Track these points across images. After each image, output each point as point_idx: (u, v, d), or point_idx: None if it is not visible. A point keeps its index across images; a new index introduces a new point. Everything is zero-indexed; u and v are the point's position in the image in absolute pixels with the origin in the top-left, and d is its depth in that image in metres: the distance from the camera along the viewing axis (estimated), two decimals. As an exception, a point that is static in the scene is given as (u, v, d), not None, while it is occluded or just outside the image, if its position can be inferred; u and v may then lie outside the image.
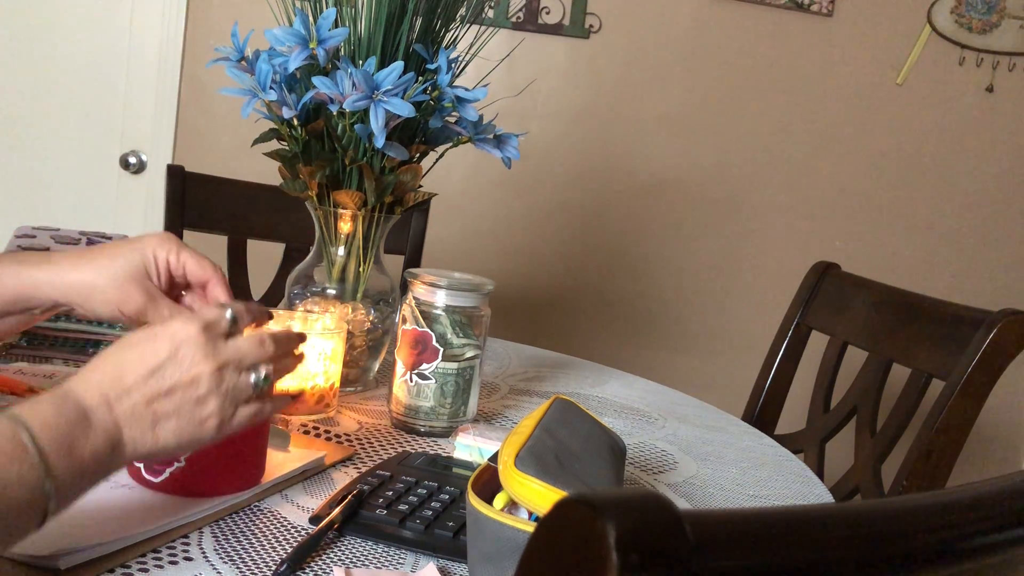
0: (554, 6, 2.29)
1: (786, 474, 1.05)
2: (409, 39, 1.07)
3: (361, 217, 1.09)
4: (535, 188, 2.37)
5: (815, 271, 1.54)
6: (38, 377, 0.97)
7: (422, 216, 1.79)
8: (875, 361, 1.36)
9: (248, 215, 1.75)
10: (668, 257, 2.43)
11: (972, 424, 1.16)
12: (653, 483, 0.96)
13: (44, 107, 2.24)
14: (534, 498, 0.61)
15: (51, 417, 0.55)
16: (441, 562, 0.70)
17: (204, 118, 2.26)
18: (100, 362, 0.61)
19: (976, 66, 2.42)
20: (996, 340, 1.14)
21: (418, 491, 0.78)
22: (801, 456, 1.36)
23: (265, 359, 0.66)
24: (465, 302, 1.00)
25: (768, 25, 2.35)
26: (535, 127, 2.33)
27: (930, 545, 0.38)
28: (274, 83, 1.02)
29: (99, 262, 0.75)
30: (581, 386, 1.29)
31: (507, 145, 1.12)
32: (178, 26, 2.23)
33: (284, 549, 0.68)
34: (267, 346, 0.67)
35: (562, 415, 0.77)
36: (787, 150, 2.42)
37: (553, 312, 2.43)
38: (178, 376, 0.61)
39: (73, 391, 0.58)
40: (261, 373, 0.66)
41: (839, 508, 0.37)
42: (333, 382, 1.02)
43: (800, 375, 1.52)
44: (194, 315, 0.65)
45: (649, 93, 2.36)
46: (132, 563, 0.63)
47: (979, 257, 2.51)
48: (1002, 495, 0.41)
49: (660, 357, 2.45)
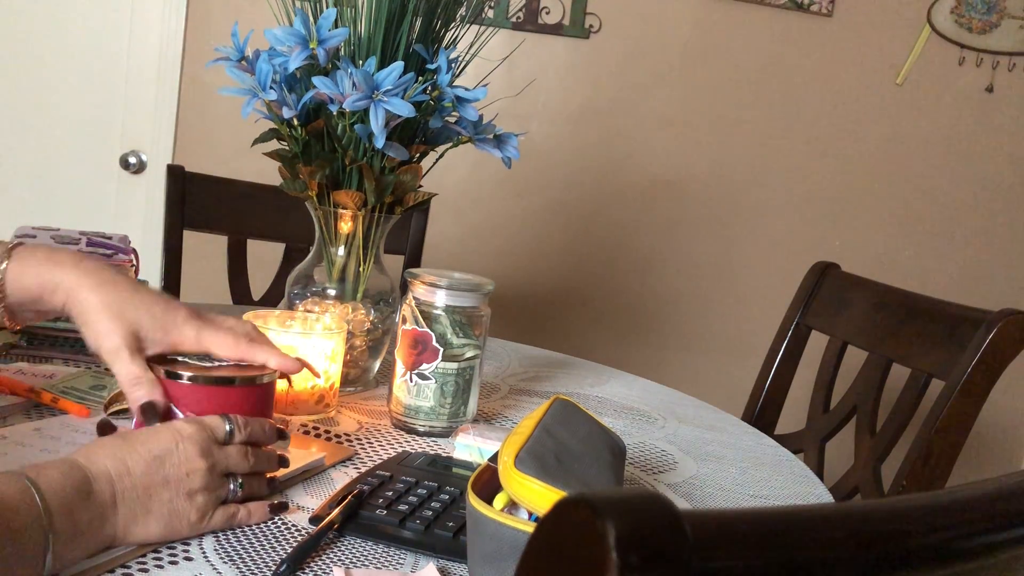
0: (554, 6, 2.29)
1: (786, 474, 1.05)
2: (409, 39, 1.07)
3: (361, 217, 1.09)
4: (535, 188, 2.37)
5: (815, 271, 1.54)
6: (38, 377, 0.97)
7: (422, 216, 1.79)
8: (875, 361, 1.36)
9: (248, 215, 1.75)
10: (668, 257, 2.43)
11: (972, 424, 1.15)
12: (653, 483, 0.96)
13: (44, 107, 2.24)
14: (534, 498, 0.61)
15: (57, 481, 0.59)
16: (441, 562, 0.70)
17: (204, 118, 2.26)
18: (107, 442, 0.65)
19: (976, 66, 2.42)
20: (996, 340, 1.14)
21: (418, 491, 0.78)
22: (801, 456, 1.36)
23: (244, 471, 0.71)
24: (465, 302, 1.00)
25: (768, 25, 2.35)
26: (535, 127, 2.33)
27: (930, 545, 0.38)
28: (274, 83, 1.02)
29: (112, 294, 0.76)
30: (581, 386, 1.29)
31: (507, 145, 1.12)
32: (178, 26, 2.23)
33: (284, 549, 0.68)
34: (249, 459, 0.72)
35: (562, 415, 0.77)
36: (787, 150, 2.42)
37: (553, 312, 2.43)
38: (177, 468, 0.66)
39: (79, 463, 0.62)
40: (239, 481, 0.71)
41: (839, 508, 0.37)
42: (333, 382, 1.02)
43: (800, 375, 1.52)
44: (197, 419, 0.71)
45: (649, 93, 2.36)
46: (132, 563, 0.63)
47: (979, 257, 2.51)
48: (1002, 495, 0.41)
49: (660, 357, 2.45)
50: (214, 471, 0.68)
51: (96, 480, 0.61)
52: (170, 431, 0.67)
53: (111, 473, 0.62)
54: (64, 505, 0.58)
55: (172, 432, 0.67)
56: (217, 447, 0.69)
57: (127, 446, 0.65)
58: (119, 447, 0.64)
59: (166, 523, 0.65)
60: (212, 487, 0.68)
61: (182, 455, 0.66)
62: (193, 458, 0.66)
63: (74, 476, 0.60)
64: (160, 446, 0.66)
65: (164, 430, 0.67)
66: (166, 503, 0.65)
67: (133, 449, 0.64)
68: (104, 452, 0.63)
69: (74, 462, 0.61)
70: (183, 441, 0.67)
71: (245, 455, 0.71)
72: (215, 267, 1.81)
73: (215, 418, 0.71)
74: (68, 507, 0.58)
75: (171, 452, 0.66)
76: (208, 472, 0.67)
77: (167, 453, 0.65)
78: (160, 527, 0.65)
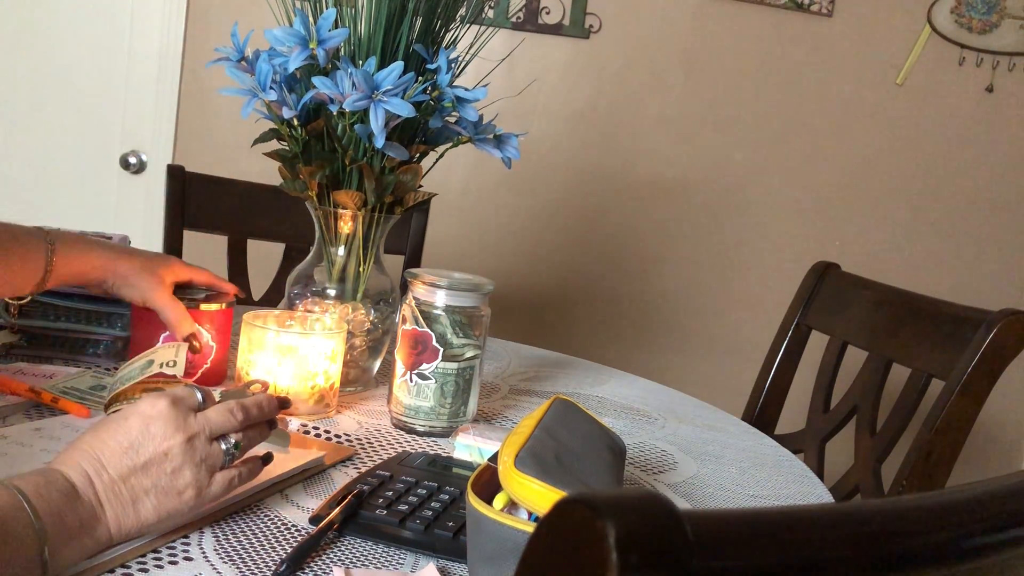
0: (554, 6, 2.29)
1: (786, 474, 1.05)
2: (409, 39, 1.07)
3: (361, 217, 1.09)
4: (535, 188, 2.37)
5: (815, 271, 1.54)
6: (38, 377, 0.97)
7: (422, 216, 1.79)
8: (875, 361, 1.36)
9: (248, 215, 1.74)
10: (668, 257, 2.43)
11: (972, 424, 1.15)
12: (653, 483, 0.96)
13: (44, 107, 2.24)
14: (534, 498, 0.61)
15: (42, 487, 0.58)
16: (441, 562, 0.70)
17: (204, 118, 2.26)
18: (78, 442, 0.64)
19: (976, 66, 2.42)
20: (996, 340, 1.14)
21: (418, 491, 0.78)
22: (801, 456, 1.36)
23: (234, 428, 0.69)
24: (465, 302, 1.00)
25: (768, 25, 2.35)
26: (535, 127, 2.33)
27: (930, 545, 0.38)
28: (274, 83, 1.02)
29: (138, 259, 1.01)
30: (581, 386, 1.29)
31: (507, 145, 1.12)
32: (178, 26, 2.23)
33: (284, 549, 0.68)
34: (236, 415, 0.70)
35: (562, 415, 0.77)
36: (787, 150, 2.42)
37: (553, 312, 2.43)
38: (151, 451, 0.64)
39: (58, 469, 0.61)
40: (231, 441, 0.68)
41: (839, 508, 0.37)
42: (333, 382, 1.02)
43: (800, 375, 1.52)
44: (163, 393, 0.68)
45: (649, 93, 2.36)
46: (132, 563, 0.63)
47: (979, 257, 2.51)
48: (1002, 495, 0.41)
49: (660, 357, 2.45)
50: (196, 441, 0.66)
51: (78, 482, 0.60)
52: (138, 416, 0.65)
53: (88, 472, 0.61)
54: (53, 511, 0.57)
55: (139, 416, 0.65)
56: (193, 415, 0.67)
57: (98, 442, 0.63)
58: (91, 445, 0.63)
59: (156, 507, 0.63)
60: (198, 458, 0.65)
61: (155, 436, 0.64)
62: (168, 435, 0.64)
63: (58, 481, 0.59)
64: (131, 434, 0.64)
65: (132, 416, 0.65)
66: (150, 488, 0.63)
67: (105, 444, 0.63)
68: (78, 454, 0.62)
69: (53, 469, 0.61)
70: (152, 422, 0.64)
71: (229, 411, 0.69)
72: (215, 267, 1.80)
73: (183, 388, 0.69)
74: (57, 512, 0.57)
75: (143, 436, 0.64)
76: (187, 444, 0.65)
77: (139, 438, 0.64)
78: (152, 513, 0.63)
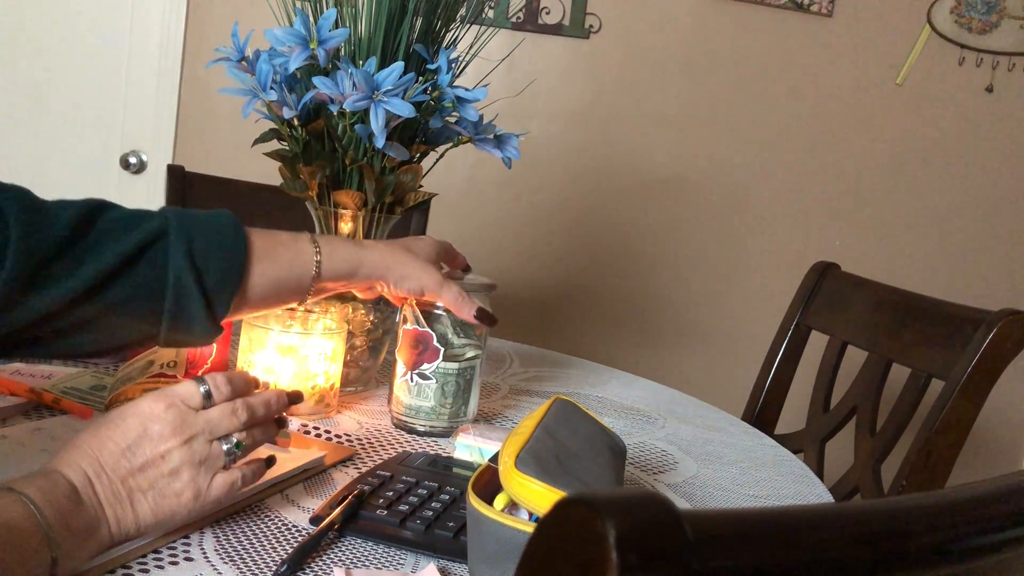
0: (554, 6, 2.29)
1: (786, 474, 1.05)
2: (409, 39, 1.07)
3: (361, 217, 1.09)
4: (535, 188, 2.37)
5: (815, 271, 1.54)
6: (37, 377, 0.97)
7: (422, 216, 1.79)
8: (875, 361, 1.36)
9: (248, 215, 1.74)
10: (668, 257, 2.43)
11: (972, 424, 1.15)
12: (653, 483, 0.96)
13: (44, 107, 2.24)
14: (534, 499, 0.61)
15: (47, 490, 0.58)
16: (441, 563, 0.70)
17: (204, 118, 2.26)
18: (78, 442, 0.63)
19: (976, 66, 2.42)
20: (996, 340, 1.14)
21: (418, 491, 0.78)
22: (801, 456, 1.36)
23: (237, 428, 0.68)
24: (465, 302, 1.00)
25: (768, 25, 2.35)
26: (535, 127, 2.33)
27: (930, 545, 0.38)
28: (274, 83, 1.02)
29: (408, 250, 0.94)
30: (581, 386, 1.29)
31: (507, 145, 1.12)
32: (178, 26, 2.23)
33: (284, 549, 0.68)
34: (240, 414, 0.68)
35: (562, 415, 0.77)
36: (787, 150, 2.42)
37: (553, 312, 2.43)
38: (149, 452, 0.63)
39: (59, 470, 0.61)
40: (233, 441, 0.67)
41: (839, 508, 0.37)
42: (333, 382, 1.02)
43: (800, 375, 1.52)
44: (164, 391, 0.66)
45: (649, 93, 2.36)
46: (132, 563, 0.63)
47: (979, 257, 2.51)
48: (1002, 495, 0.41)
49: (660, 357, 2.45)
50: (194, 443, 0.65)
51: (79, 484, 0.60)
52: (136, 417, 0.64)
53: (88, 474, 0.61)
54: (61, 517, 0.57)
55: (138, 417, 0.64)
56: (193, 416, 0.66)
57: (97, 442, 0.63)
58: (91, 445, 0.62)
59: (154, 508, 0.63)
60: (196, 460, 0.65)
61: (153, 437, 0.63)
62: (165, 437, 0.64)
63: (61, 485, 0.59)
64: (129, 435, 0.63)
65: (131, 417, 0.64)
66: (147, 489, 0.63)
67: (104, 445, 0.62)
68: (77, 454, 0.62)
69: (54, 471, 0.60)
70: (150, 423, 0.64)
71: (232, 411, 0.68)
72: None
73: (186, 385, 0.68)
74: (64, 518, 0.57)
75: (141, 437, 0.63)
76: (184, 446, 0.64)
77: (137, 439, 0.63)
78: (150, 514, 0.63)
